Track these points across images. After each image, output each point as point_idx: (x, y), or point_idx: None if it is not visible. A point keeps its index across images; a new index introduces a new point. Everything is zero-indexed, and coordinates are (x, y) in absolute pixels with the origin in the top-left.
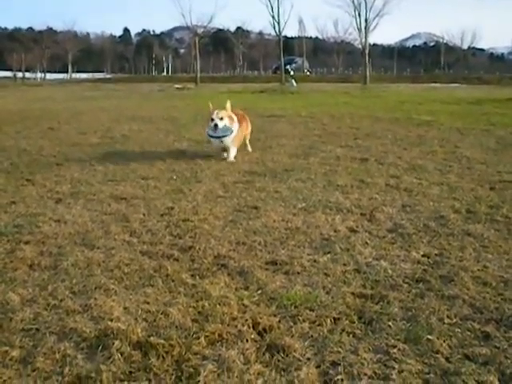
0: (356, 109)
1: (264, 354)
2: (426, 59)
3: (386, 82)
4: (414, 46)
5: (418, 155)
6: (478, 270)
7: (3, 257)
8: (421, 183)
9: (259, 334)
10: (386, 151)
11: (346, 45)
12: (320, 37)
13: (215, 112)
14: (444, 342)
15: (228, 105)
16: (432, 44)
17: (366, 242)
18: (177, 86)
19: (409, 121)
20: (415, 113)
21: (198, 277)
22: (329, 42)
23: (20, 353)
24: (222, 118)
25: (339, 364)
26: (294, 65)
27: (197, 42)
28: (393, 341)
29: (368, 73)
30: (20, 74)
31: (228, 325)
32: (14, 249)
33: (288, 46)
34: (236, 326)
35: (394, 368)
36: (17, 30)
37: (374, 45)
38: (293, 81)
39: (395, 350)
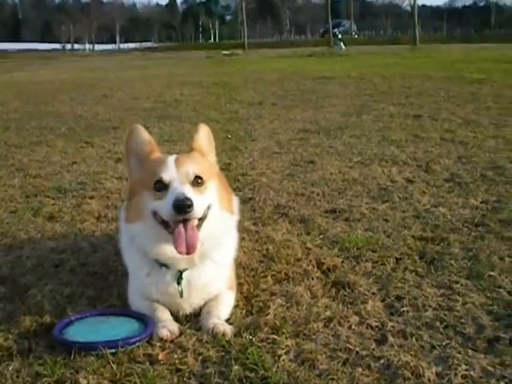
0: (406, 69)
1: (330, 289)
2: (475, 19)
3: (436, 43)
4: (464, 7)
5: (471, 111)
6: None
7: (71, 210)
8: (476, 137)
9: (324, 272)
10: (440, 108)
11: (394, 7)
12: None
13: (171, 160)
14: (506, 278)
15: (204, 133)
16: (482, 4)
17: (424, 191)
18: (224, 52)
19: (461, 79)
20: (467, 71)
21: (260, 224)
22: (376, 5)
23: (94, 292)
24: (199, 182)
25: (404, 298)
26: (341, 28)
27: (243, 7)
28: (455, 277)
29: (417, 34)
30: (69, 46)
31: (293, 265)
32: (80, 203)
33: (335, 9)
34: (301, 266)
35: (457, 301)
36: (64, 2)
37: (423, 6)
38: (341, 43)
39: (458, 286)
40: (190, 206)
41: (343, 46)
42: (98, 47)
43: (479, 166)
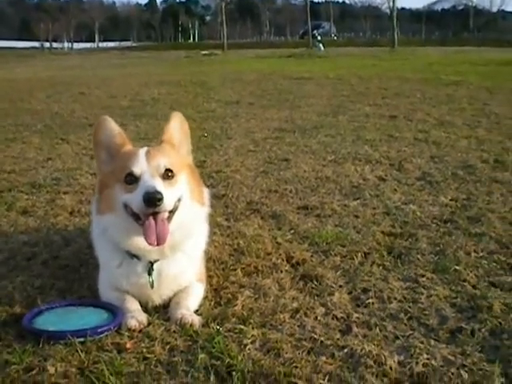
0: (384, 71)
1: (298, 282)
2: (454, 23)
3: (415, 46)
4: (443, 10)
5: (446, 112)
6: (505, 211)
7: (44, 205)
8: (449, 137)
9: (293, 266)
10: (415, 109)
11: (374, 9)
12: (347, 1)
13: (142, 153)
14: (471, 272)
15: (175, 123)
16: (461, 7)
17: (395, 189)
18: (204, 52)
19: (437, 81)
20: (444, 73)
21: (232, 220)
22: (356, 7)
23: (64, 284)
24: (170, 175)
25: (370, 290)
26: (321, 30)
27: (223, 7)
28: (421, 271)
29: (396, 36)
30: (47, 44)
31: (263, 259)
32: (53, 198)
33: (315, 11)
34: (270, 260)
35: (422, 294)
36: (43, 1)
37: (402, 9)
38: (320, 45)
39: (424, 279)
40: (160, 199)
41: (322, 48)
42: (76, 46)
43: (451, 165)
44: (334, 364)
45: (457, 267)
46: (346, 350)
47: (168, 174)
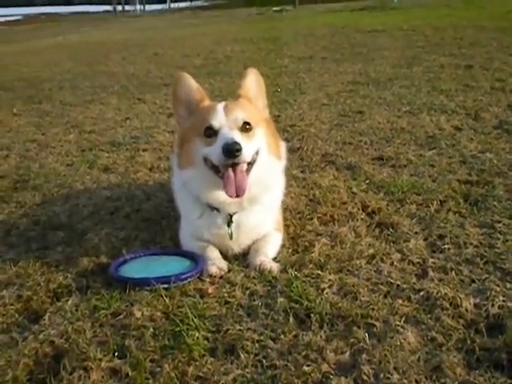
0: (459, 20)
1: (374, 230)
2: None
3: None
4: None
5: None
6: None
7: (124, 162)
8: None
9: (368, 214)
10: (491, 58)
11: None
12: None
13: (220, 107)
14: None
15: (251, 78)
16: None
17: (471, 138)
18: (275, 8)
19: None
20: None
21: (307, 171)
22: None
23: (147, 235)
24: (248, 127)
25: (446, 236)
26: None
27: None
28: (498, 217)
29: None
30: (119, 7)
31: (338, 208)
32: (133, 156)
33: None
34: (346, 209)
35: (498, 239)
36: None
37: None
38: None
39: (500, 225)
40: (239, 150)
41: None
42: (148, 8)
43: None
44: (411, 306)
45: None
46: (422, 293)
47: (246, 127)
